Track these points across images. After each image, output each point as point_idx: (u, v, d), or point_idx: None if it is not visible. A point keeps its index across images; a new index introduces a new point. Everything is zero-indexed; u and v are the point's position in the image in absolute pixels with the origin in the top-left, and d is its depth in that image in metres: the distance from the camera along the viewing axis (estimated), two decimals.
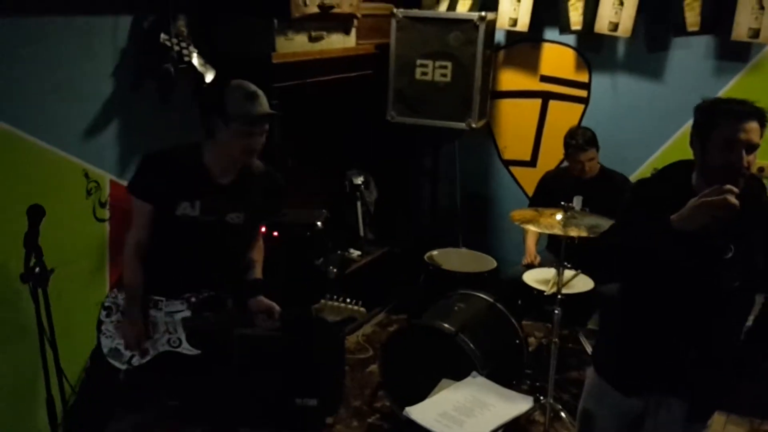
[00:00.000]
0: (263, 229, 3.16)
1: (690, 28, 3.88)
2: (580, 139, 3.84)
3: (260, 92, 2.40)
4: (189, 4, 3.20)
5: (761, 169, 3.90)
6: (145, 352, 2.55)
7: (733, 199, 1.93)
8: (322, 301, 2.53)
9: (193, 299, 2.53)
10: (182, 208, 2.43)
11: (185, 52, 3.10)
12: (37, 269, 2.27)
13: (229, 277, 2.60)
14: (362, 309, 2.55)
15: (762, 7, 3.71)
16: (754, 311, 2.27)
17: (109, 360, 2.58)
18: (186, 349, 2.55)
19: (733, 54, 3.93)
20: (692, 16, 3.86)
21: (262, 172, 2.57)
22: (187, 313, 2.53)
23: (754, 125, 2.03)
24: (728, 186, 1.95)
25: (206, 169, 2.45)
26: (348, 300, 2.55)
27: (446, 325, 3.26)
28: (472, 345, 3.18)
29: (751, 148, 2.03)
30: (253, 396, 3.25)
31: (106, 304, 2.60)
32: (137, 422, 2.92)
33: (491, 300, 3.57)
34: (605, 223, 2.98)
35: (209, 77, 3.17)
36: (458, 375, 2.78)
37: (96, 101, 3.03)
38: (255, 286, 2.61)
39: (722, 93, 3.95)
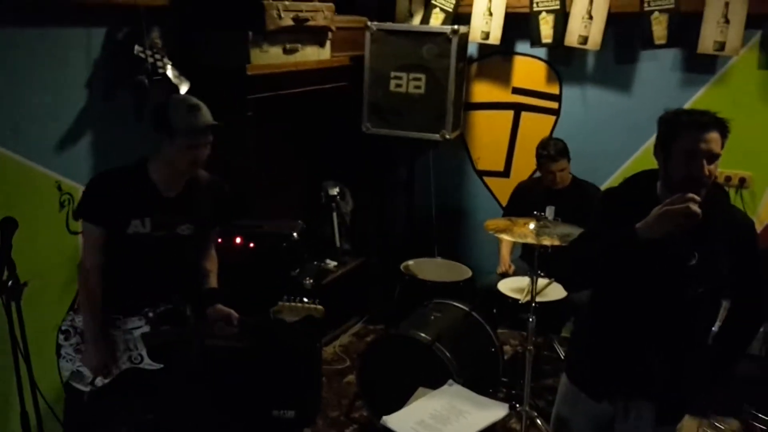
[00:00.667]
0: (238, 240, 3.17)
1: (657, 41, 3.96)
2: (551, 150, 3.90)
3: (202, 104, 2.43)
4: (163, 16, 3.20)
5: (743, 180, 3.99)
6: (108, 372, 2.52)
7: (695, 207, 1.97)
8: (279, 303, 2.56)
9: (150, 314, 2.52)
10: (133, 226, 2.43)
11: (159, 63, 3.09)
12: (10, 282, 2.24)
13: (185, 288, 2.59)
14: (320, 307, 2.58)
15: (727, 21, 3.80)
16: (720, 316, 2.32)
17: (71, 384, 2.55)
18: (148, 364, 2.53)
19: (699, 66, 4.02)
20: (659, 30, 3.94)
21: (208, 181, 2.59)
22: (146, 328, 2.51)
23: (714, 135, 2.08)
24: (690, 194, 1.99)
25: (153, 185, 2.46)
26: (305, 299, 2.57)
27: (422, 335, 3.28)
28: (448, 354, 3.20)
29: (712, 157, 2.07)
30: (230, 409, 3.23)
31: (63, 327, 2.57)
32: None
33: (467, 309, 3.59)
34: (577, 232, 3.01)
35: (183, 89, 3.16)
36: (435, 383, 2.79)
37: (69, 113, 3.00)
38: (211, 295, 2.62)
39: (689, 104, 4.04)
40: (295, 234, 3.27)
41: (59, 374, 2.62)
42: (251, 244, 3.25)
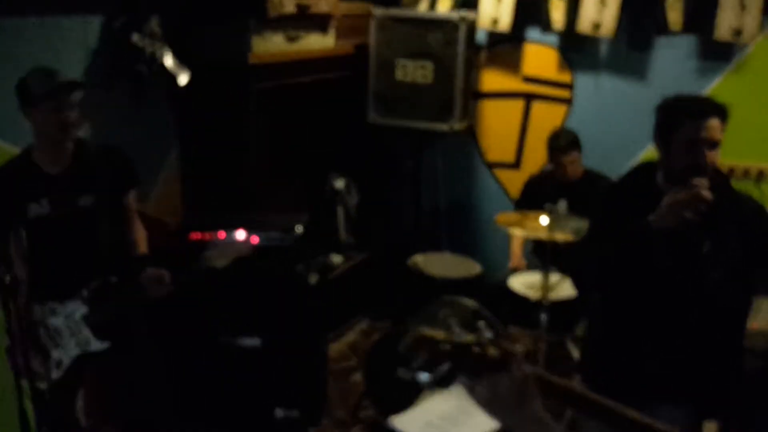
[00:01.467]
0: (242, 234, 3.08)
1: (672, 28, 3.87)
2: (562, 142, 3.83)
3: (58, 71, 2.46)
4: (162, 4, 3.14)
5: (761, 172, 3.89)
6: (59, 363, 2.53)
7: (706, 192, 1.99)
8: (207, 251, 2.58)
9: (84, 293, 2.54)
10: (32, 210, 2.46)
11: (158, 53, 3.05)
12: (7, 278, 2.17)
13: (112, 261, 2.60)
14: (249, 242, 2.63)
15: (744, 7, 3.70)
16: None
17: (36, 386, 2.50)
18: (96, 345, 2.55)
19: (716, 53, 3.91)
20: (675, 16, 3.85)
21: (97, 151, 2.60)
22: (84, 309, 2.54)
23: (714, 122, 2.07)
24: (699, 180, 2.01)
25: (37, 166, 2.50)
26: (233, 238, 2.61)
27: (431, 332, 3.20)
28: None
29: (713, 145, 2.08)
30: (233, 408, 3.18)
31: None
32: None
33: (476, 306, 3.52)
34: None
35: (183, 79, 3.12)
36: (444, 384, 2.72)
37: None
38: (141, 260, 2.66)
39: (706, 92, 3.94)
40: (299, 228, 3.21)
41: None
42: (254, 238, 3.18)
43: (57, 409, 2.58)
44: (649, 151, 4.14)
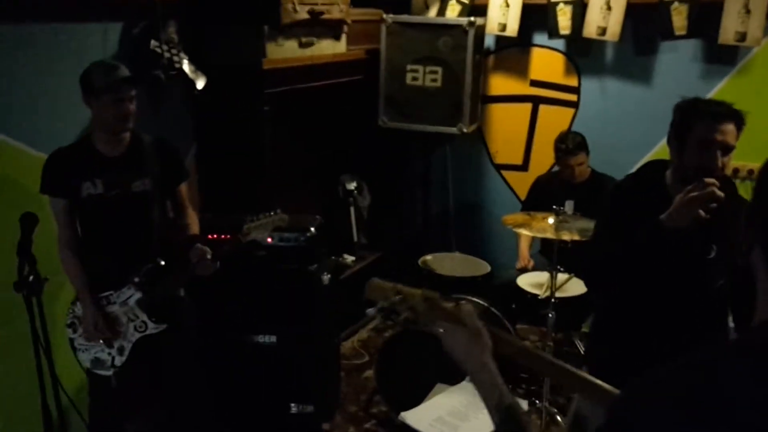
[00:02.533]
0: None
1: (677, 32, 3.91)
2: (569, 144, 3.86)
3: (120, 64, 2.60)
4: (179, 11, 3.19)
5: (736, 170, 3.92)
6: (121, 349, 2.64)
7: (718, 191, 1.98)
8: (245, 226, 2.65)
9: (136, 279, 2.62)
10: (85, 189, 2.58)
11: (176, 58, 3.09)
12: (30, 278, 2.25)
13: (163, 247, 2.71)
14: (284, 215, 2.73)
15: (748, 11, 3.74)
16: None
17: (95, 372, 2.67)
18: (153, 328, 2.66)
19: (720, 57, 3.96)
20: (679, 20, 3.89)
21: (151, 140, 2.73)
22: (139, 295, 2.63)
23: (730, 127, 2.08)
24: (710, 179, 2.01)
25: (95, 149, 2.61)
26: (268, 213, 2.70)
27: (442, 330, 3.25)
28: None
29: (727, 149, 2.08)
30: (249, 403, 3.24)
31: (69, 321, 2.68)
32: None
33: (485, 304, 3.57)
34: None
35: (200, 84, 3.16)
36: (453, 380, 2.77)
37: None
38: (191, 239, 2.75)
39: (710, 96, 3.97)
40: (312, 229, 3.26)
41: (82, 368, 2.70)
42: (268, 239, 3.23)
43: (124, 395, 2.70)
44: (654, 154, 4.19)
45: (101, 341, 2.64)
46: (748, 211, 1.00)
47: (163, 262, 2.65)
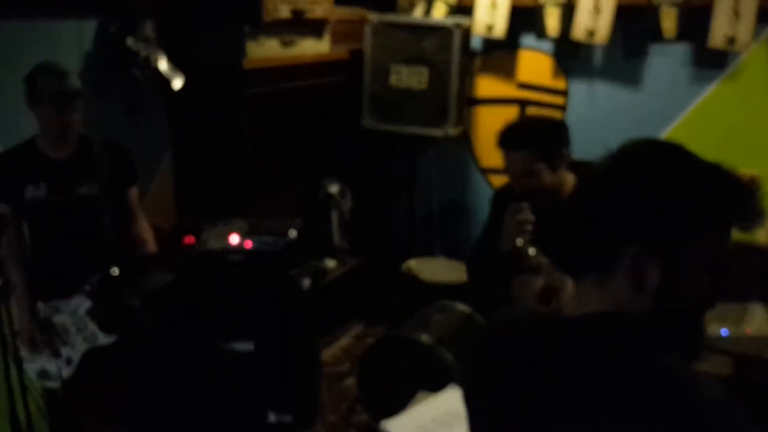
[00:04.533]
0: (235, 238, 3.08)
1: (666, 35, 3.88)
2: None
3: (70, 72, 2.53)
4: (157, 9, 3.15)
5: (753, 178, 3.90)
6: (69, 360, 2.56)
7: (522, 216, 2.29)
8: (202, 233, 2.65)
9: (87, 287, 2.56)
10: (29, 192, 2.51)
11: (153, 57, 3.05)
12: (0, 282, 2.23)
13: (115, 255, 2.62)
14: (243, 222, 2.74)
15: (738, 15, 3.72)
16: None
17: (45, 384, 2.59)
18: (102, 339, 2.58)
19: (709, 61, 3.93)
20: (668, 23, 3.86)
21: (101, 142, 2.66)
22: (88, 304, 2.56)
23: (522, 156, 2.42)
24: (516, 205, 2.33)
25: (39, 150, 2.55)
26: (226, 220, 2.73)
27: (425, 337, 3.20)
28: (451, 356, 3.13)
29: (523, 174, 2.42)
30: (226, 412, 3.18)
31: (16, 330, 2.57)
32: None
33: (469, 311, 3.52)
34: None
35: (177, 83, 3.12)
36: (436, 387, 2.72)
37: None
38: (152, 261, 2.75)
39: (699, 100, 3.97)
40: (293, 233, 3.21)
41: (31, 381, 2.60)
42: (248, 243, 3.18)
43: (71, 408, 2.62)
44: None
45: (46, 351, 2.56)
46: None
47: (116, 272, 2.57)
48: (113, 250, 2.62)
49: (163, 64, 3.07)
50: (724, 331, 3.43)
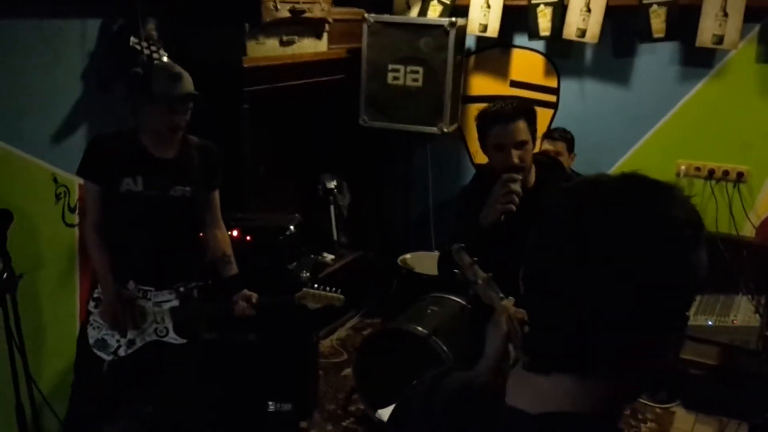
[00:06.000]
0: (235, 233, 3.15)
1: (655, 35, 3.94)
2: (556, 135, 3.91)
3: (185, 73, 2.55)
4: (159, 8, 3.18)
5: (712, 171, 3.97)
6: (131, 342, 2.61)
7: (515, 186, 2.29)
8: (304, 289, 2.68)
9: (181, 289, 2.61)
10: (125, 184, 2.53)
11: (155, 55, 3.07)
12: (5, 275, 2.26)
13: (208, 264, 2.71)
14: (341, 296, 2.73)
15: (726, 14, 3.78)
16: None
17: (94, 351, 2.61)
18: (172, 338, 2.63)
19: (697, 60, 4.00)
20: (658, 23, 3.92)
21: (198, 144, 2.69)
22: (176, 303, 2.61)
23: (519, 124, 2.35)
24: (507, 175, 2.31)
25: (143, 146, 2.56)
26: (327, 288, 2.73)
27: (419, 329, 3.27)
28: (444, 347, 3.20)
29: (521, 144, 2.36)
30: (227, 401, 3.23)
31: (95, 295, 2.64)
32: None
33: (464, 303, 3.59)
34: None
35: None
36: None
37: (65, 105, 2.99)
38: (236, 280, 2.73)
39: (687, 98, 4.04)
40: (292, 227, 3.27)
41: (83, 348, 2.64)
42: (248, 237, 3.24)
43: (108, 385, 2.66)
44: (632, 154, 4.24)
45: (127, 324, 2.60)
46: None
47: (209, 283, 2.65)
48: (204, 256, 2.70)
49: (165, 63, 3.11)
50: (709, 322, 3.52)
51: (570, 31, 4.10)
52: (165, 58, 3.10)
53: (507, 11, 4.22)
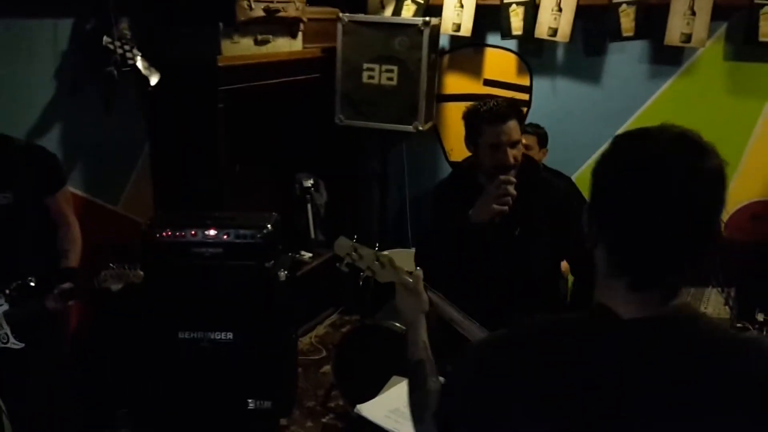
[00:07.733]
0: (212, 232, 3.14)
1: (625, 33, 4.01)
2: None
3: None
4: (132, 7, 3.16)
5: None
6: None
7: (511, 189, 2.29)
8: (103, 273, 2.58)
9: (7, 291, 2.52)
10: None
11: (129, 55, 3.06)
12: None
13: (36, 263, 2.61)
14: (139, 272, 2.62)
15: (693, 13, 3.86)
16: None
17: None
18: (14, 343, 2.55)
19: (666, 58, 4.07)
20: (627, 22, 3.99)
21: (21, 146, 2.58)
22: (6, 307, 2.53)
23: (512, 123, 2.37)
24: (504, 177, 2.32)
25: None
26: (126, 266, 2.61)
27: (397, 325, 3.30)
28: None
29: (515, 144, 2.38)
30: (207, 399, 3.23)
31: None
32: None
33: (441, 298, 3.61)
34: None
35: (154, 80, 3.14)
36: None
37: (36, 105, 2.97)
38: (65, 274, 2.63)
39: (657, 95, 4.11)
40: (269, 226, 3.27)
41: None
42: (225, 236, 3.23)
43: None
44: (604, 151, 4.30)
45: None
46: (589, 211, 1.13)
47: (32, 283, 2.54)
48: (34, 258, 2.61)
49: (139, 62, 3.09)
50: None
51: (542, 30, 4.15)
52: (139, 58, 3.09)
53: (480, 11, 4.27)
